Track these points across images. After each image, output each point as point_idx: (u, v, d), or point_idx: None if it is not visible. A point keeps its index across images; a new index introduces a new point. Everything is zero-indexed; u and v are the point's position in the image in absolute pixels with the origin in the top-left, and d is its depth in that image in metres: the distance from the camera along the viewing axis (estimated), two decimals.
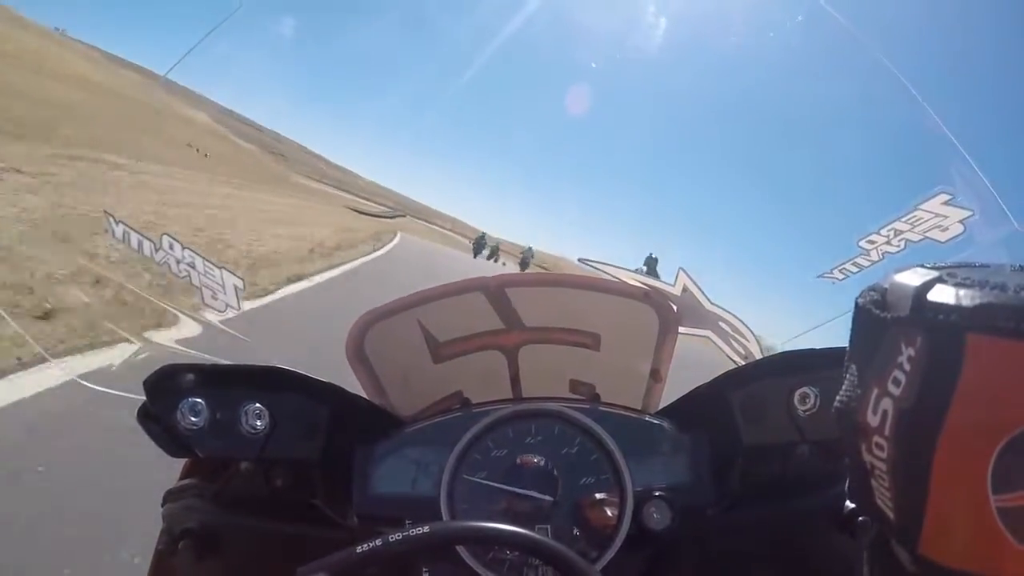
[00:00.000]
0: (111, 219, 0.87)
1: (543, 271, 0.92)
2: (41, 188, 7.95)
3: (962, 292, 0.30)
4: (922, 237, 0.81)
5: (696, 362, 1.06)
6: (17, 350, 3.20)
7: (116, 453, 2.44)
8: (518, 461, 0.81)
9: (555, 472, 0.80)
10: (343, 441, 0.82)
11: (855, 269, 0.87)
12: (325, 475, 0.83)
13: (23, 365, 3.16)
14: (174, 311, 0.96)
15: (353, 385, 0.88)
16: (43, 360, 3.23)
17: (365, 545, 0.51)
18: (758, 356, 0.88)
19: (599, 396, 0.92)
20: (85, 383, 0.93)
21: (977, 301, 0.29)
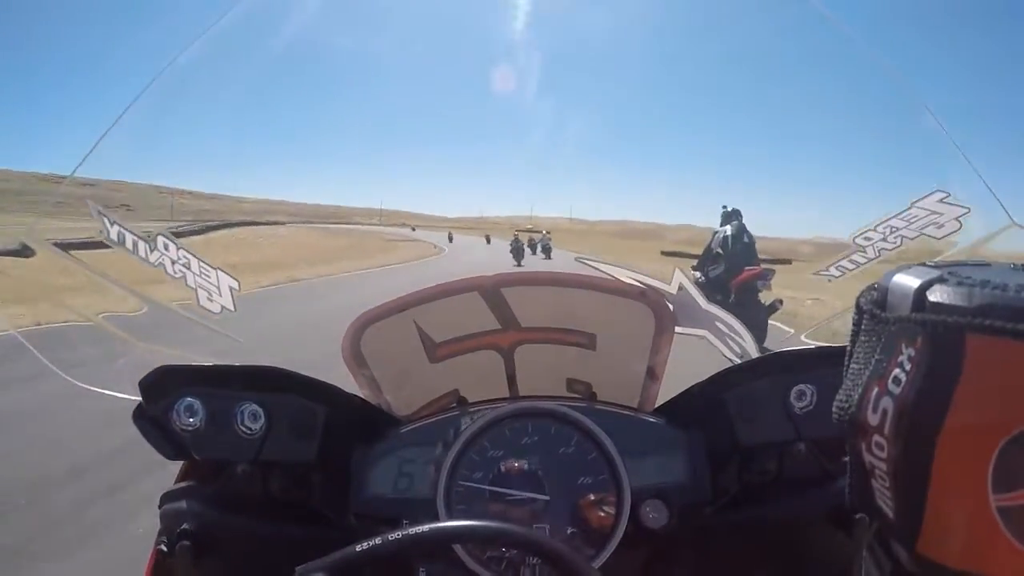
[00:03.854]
0: (105, 219, 0.86)
1: (539, 270, 0.91)
2: None
3: (963, 292, 0.30)
4: (918, 234, 0.81)
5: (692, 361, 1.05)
6: None
7: None
8: (515, 460, 0.81)
9: (551, 471, 0.80)
10: (340, 441, 0.82)
11: (851, 266, 0.88)
12: (322, 476, 0.82)
13: None
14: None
15: (350, 385, 0.88)
16: None
17: (364, 544, 0.51)
18: (754, 355, 0.88)
19: (595, 395, 0.91)
20: (81, 384, 0.92)
21: (978, 301, 0.29)
